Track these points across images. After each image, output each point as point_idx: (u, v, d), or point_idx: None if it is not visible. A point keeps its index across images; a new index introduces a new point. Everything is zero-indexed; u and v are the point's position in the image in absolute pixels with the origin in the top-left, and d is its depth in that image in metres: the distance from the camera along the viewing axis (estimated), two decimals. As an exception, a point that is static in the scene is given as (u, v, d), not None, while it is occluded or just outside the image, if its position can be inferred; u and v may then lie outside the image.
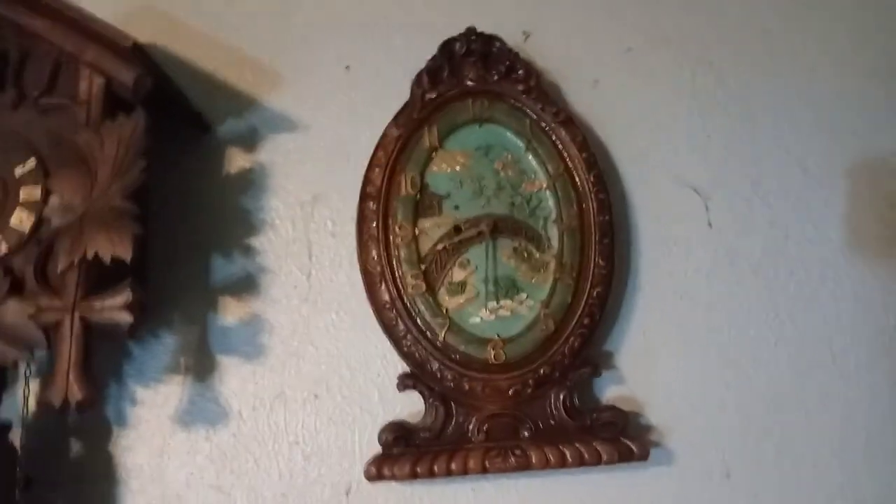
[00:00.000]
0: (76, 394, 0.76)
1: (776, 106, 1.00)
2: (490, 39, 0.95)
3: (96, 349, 0.80)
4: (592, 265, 0.90)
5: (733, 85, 1.00)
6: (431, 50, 0.96)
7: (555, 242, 0.91)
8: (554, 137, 0.93)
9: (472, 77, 0.94)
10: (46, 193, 0.83)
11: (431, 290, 0.90)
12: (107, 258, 0.79)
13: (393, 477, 0.84)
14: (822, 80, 1.01)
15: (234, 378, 0.92)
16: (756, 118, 1.00)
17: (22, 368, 0.84)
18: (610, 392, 0.92)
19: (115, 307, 0.79)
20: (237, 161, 0.99)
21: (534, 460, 0.84)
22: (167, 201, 0.95)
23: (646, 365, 0.92)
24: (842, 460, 0.91)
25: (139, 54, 0.85)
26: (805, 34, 1.02)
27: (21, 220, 0.82)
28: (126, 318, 0.78)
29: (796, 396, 0.92)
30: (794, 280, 0.95)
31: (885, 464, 0.91)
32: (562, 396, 0.87)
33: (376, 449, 0.87)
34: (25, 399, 0.83)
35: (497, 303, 0.90)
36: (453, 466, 0.84)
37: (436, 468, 0.84)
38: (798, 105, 1.00)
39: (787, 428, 0.91)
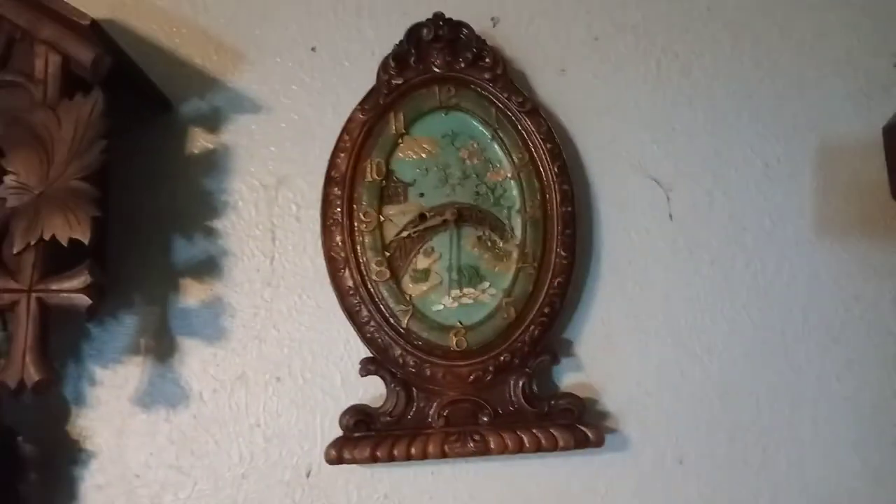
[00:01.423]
0: (32, 376, 0.75)
1: (739, 97, 1.01)
2: (458, 26, 0.94)
3: (54, 330, 0.79)
4: (554, 255, 0.91)
5: (698, 76, 1.01)
6: (399, 33, 0.94)
7: (518, 232, 0.92)
8: (519, 127, 0.93)
9: (438, 64, 0.94)
10: (2, 173, 0.81)
11: (395, 277, 0.90)
12: (64, 240, 0.78)
13: (353, 460, 0.85)
14: (785, 77, 1.02)
15: (195, 360, 0.92)
16: (719, 110, 1.01)
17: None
18: (568, 379, 0.93)
19: (72, 289, 0.78)
20: (199, 142, 0.97)
21: (492, 445, 0.85)
22: (127, 181, 0.93)
23: (604, 353, 0.94)
24: (789, 448, 0.94)
25: (97, 32, 0.82)
26: (768, 24, 1.03)
27: (-25, 199, 0.80)
28: (84, 300, 0.78)
29: (748, 386, 0.95)
30: (749, 272, 0.97)
31: (830, 451, 0.94)
32: (521, 383, 0.89)
33: (337, 432, 0.87)
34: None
35: (460, 291, 0.91)
36: (413, 451, 0.85)
37: (396, 452, 0.85)
38: (760, 96, 1.01)
39: (739, 416, 0.94)
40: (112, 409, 0.90)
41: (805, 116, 1.01)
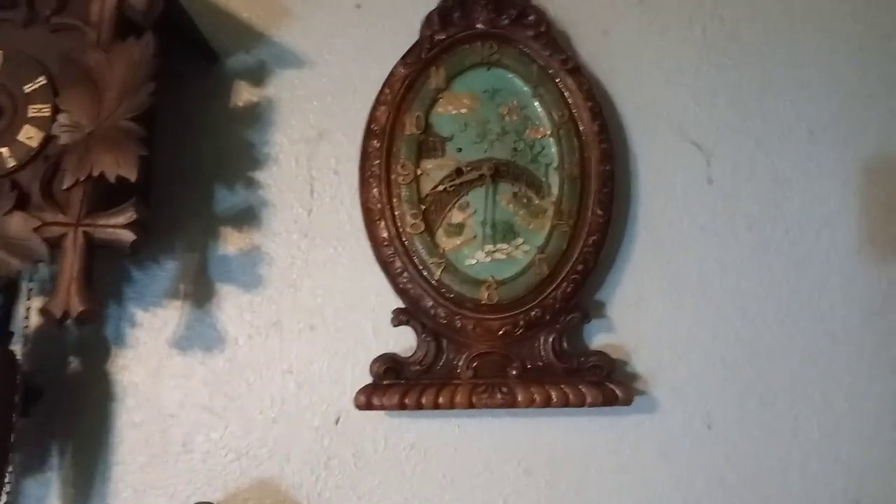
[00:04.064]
0: (77, 306, 0.78)
1: (787, 66, 1.00)
2: (503, -17, 0.95)
3: (99, 268, 0.82)
4: (590, 213, 0.91)
5: (745, 41, 1.00)
6: (444, -8, 0.96)
7: (555, 189, 0.92)
8: (561, 85, 0.93)
9: (482, 20, 0.94)
10: (55, 111, 0.84)
11: (430, 230, 0.91)
12: (112, 177, 0.80)
13: (382, 406, 0.86)
14: (837, 41, 1.01)
15: (232, 306, 0.94)
16: (766, 77, 1.00)
17: (25, 283, 0.86)
18: (598, 339, 0.93)
19: (118, 224, 0.80)
20: (244, 94, 0.99)
21: (519, 398, 0.86)
22: (172, 129, 0.96)
23: (635, 314, 0.94)
24: (821, 418, 0.92)
25: (151, -22, 0.85)
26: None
27: (30, 136, 0.83)
28: (128, 235, 0.80)
29: (782, 353, 0.93)
30: (788, 239, 0.96)
31: (863, 424, 0.92)
32: (551, 339, 0.89)
33: (367, 381, 0.89)
34: (27, 313, 0.86)
35: (493, 246, 0.91)
36: (441, 400, 0.86)
37: (424, 400, 0.86)
38: (810, 66, 1.00)
39: (771, 383, 0.93)
40: (150, 350, 0.93)
41: (855, 83, 0.99)
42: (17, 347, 0.84)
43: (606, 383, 0.87)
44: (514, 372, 0.88)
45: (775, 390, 0.92)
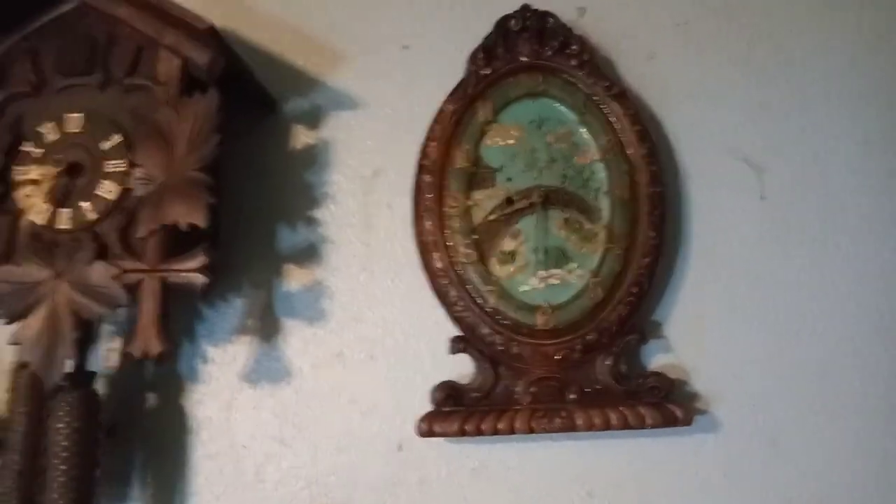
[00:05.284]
0: (155, 347, 0.83)
1: (836, 77, 0.99)
2: (544, 16, 0.97)
3: (173, 308, 0.87)
4: (642, 235, 0.91)
5: (792, 55, 1.00)
6: (487, 27, 0.98)
7: (606, 213, 0.93)
8: (607, 110, 0.95)
9: (526, 53, 0.97)
10: (130, 166, 0.90)
11: (483, 259, 0.93)
12: (183, 225, 0.85)
13: (443, 434, 0.88)
14: (885, 50, 0.99)
15: (297, 339, 0.98)
16: (814, 89, 0.99)
17: (105, 326, 0.93)
18: (656, 360, 0.93)
19: (190, 269, 0.85)
20: (301, 138, 1.04)
21: (579, 422, 0.86)
22: (237, 175, 1.01)
23: (693, 334, 0.93)
24: (889, 437, 0.90)
25: (213, 37, 0.91)
26: (868, 2, 1.01)
27: (108, 190, 0.90)
28: (200, 279, 0.85)
29: (844, 368, 0.91)
30: (845, 253, 0.95)
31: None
32: (608, 362, 0.90)
33: (427, 409, 0.91)
34: (107, 353, 0.92)
35: (546, 272, 0.92)
36: (500, 426, 0.87)
37: (483, 427, 0.87)
38: (859, 76, 0.99)
39: (835, 399, 0.91)
40: (221, 385, 0.97)
41: (907, 94, 0.98)
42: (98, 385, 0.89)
43: (666, 404, 0.87)
44: (572, 396, 0.88)
45: (840, 408, 0.90)
